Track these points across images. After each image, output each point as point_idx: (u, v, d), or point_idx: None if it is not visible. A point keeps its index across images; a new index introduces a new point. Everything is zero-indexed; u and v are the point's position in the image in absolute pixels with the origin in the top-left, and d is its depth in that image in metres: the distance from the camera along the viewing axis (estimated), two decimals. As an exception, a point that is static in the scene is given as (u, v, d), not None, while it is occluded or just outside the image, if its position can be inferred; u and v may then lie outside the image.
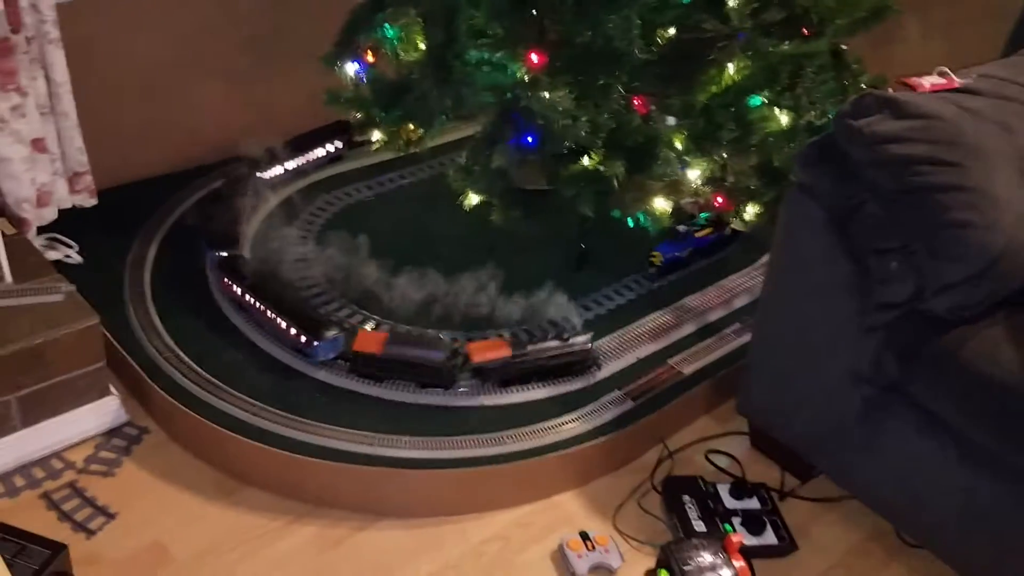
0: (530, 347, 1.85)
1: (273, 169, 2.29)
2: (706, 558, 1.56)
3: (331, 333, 1.81)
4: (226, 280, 1.93)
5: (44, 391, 1.68)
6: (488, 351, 1.84)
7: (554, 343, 1.87)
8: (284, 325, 1.83)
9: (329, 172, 2.42)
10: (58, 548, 1.45)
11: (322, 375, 1.82)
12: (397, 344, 1.80)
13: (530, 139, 1.83)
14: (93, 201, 2.08)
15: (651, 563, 1.62)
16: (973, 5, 2.46)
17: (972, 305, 1.50)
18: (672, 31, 1.82)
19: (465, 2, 1.82)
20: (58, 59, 1.89)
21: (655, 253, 2.14)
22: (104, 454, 1.76)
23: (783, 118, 1.96)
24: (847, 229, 1.58)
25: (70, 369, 1.70)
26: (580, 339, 1.88)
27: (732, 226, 2.18)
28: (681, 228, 2.17)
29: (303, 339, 1.81)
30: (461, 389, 1.81)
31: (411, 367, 1.80)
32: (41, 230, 2.01)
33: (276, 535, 1.65)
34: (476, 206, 1.95)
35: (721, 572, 1.55)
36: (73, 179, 2.04)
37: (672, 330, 2.03)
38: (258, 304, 1.87)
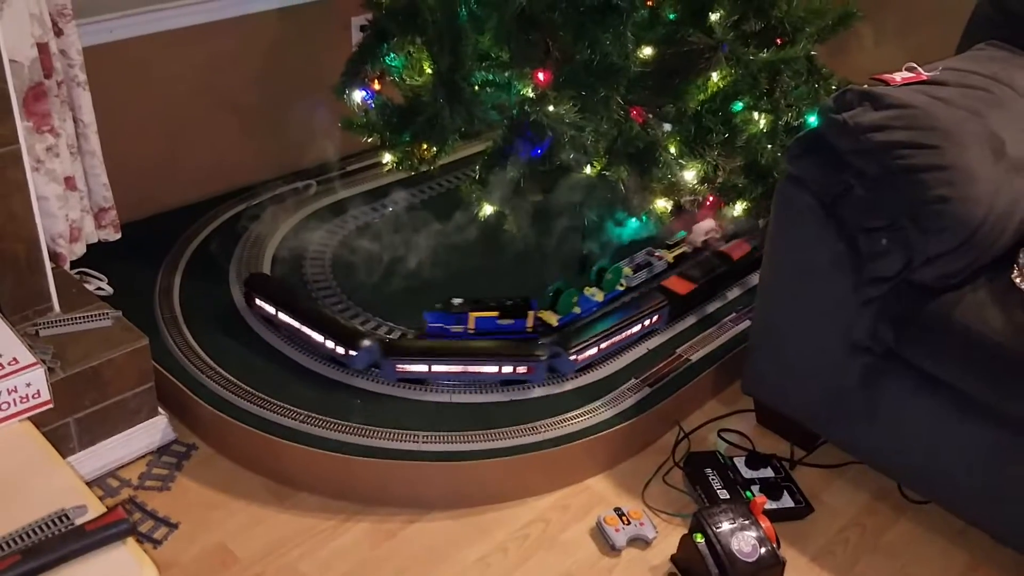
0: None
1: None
2: (735, 520, 1.70)
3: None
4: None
5: (100, 412, 1.77)
6: (738, 250, 2.31)
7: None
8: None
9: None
10: (138, 553, 1.53)
11: (359, 382, 1.92)
12: (695, 273, 2.19)
13: (539, 151, 1.98)
14: (117, 235, 2.17)
15: (683, 532, 1.74)
16: (922, 11, 2.68)
17: (957, 272, 1.66)
18: (651, 50, 1.99)
19: (470, 27, 1.97)
20: (85, 101, 1.99)
21: (424, 318, 2.03)
22: (157, 471, 1.85)
23: (762, 121, 2.14)
24: (837, 213, 1.73)
25: (123, 390, 1.79)
26: None
27: (544, 317, 2.07)
28: (456, 302, 2.04)
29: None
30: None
31: (714, 285, 2.24)
32: (72, 266, 2.10)
33: (332, 533, 1.75)
34: (489, 216, 2.08)
35: (750, 532, 1.68)
36: (99, 215, 2.13)
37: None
38: None
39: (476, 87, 1.98)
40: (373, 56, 2.15)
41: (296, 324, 1.99)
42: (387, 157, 2.19)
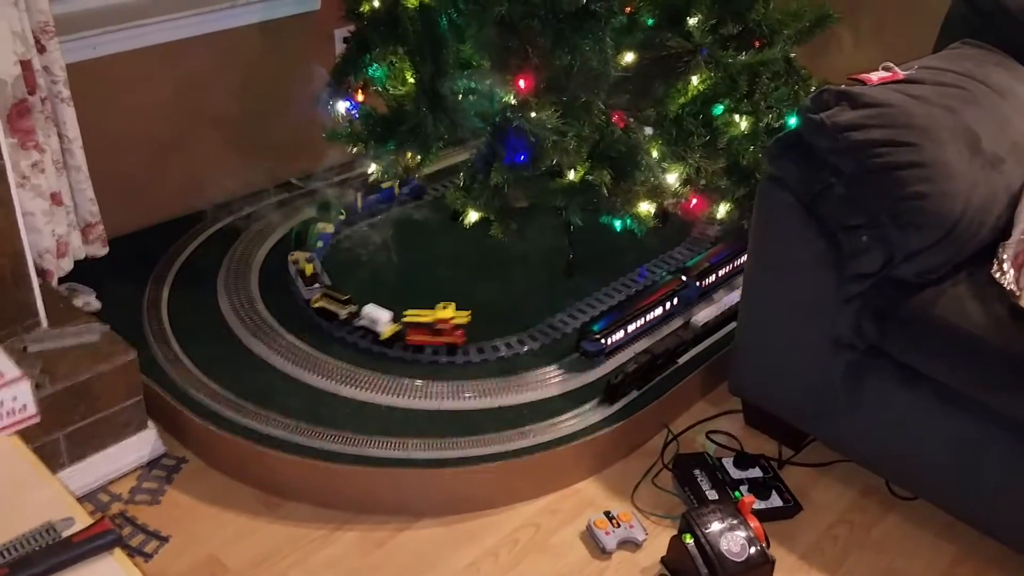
0: None
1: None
2: (724, 521, 1.70)
3: None
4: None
5: (89, 427, 1.77)
6: None
7: None
8: None
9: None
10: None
11: (348, 391, 1.93)
12: None
13: (522, 157, 1.99)
14: (105, 250, 2.18)
15: (672, 533, 1.75)
16: (899, 11, 2.70)
17: (937, 268, 1.68)
18: (631, 55, 2.01)
19: (451, 36, 1.99)
20: (70, 116, 2.00)
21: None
22: (147, 484, 1.85)
23: (743, 123, 2.16)
24: (817, 211, 1.75)
25: (112, 404, 1.79)
26: None
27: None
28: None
29: None
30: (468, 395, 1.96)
31: None
32: (59, 281, 2.10)
33: (322, 542, 1.75)
34: (475, 223, 2.10)
35: (739, 532, 1.69)
36: (86, 230, 2.13)
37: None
38: None
39: (458, 95, 1.99)
40: (356, 67, 2.18)
41: (649, 316, 2.12)
42: (372, 167, 2.21)
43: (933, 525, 1.85)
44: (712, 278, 2.29)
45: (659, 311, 2.16)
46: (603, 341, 2.05)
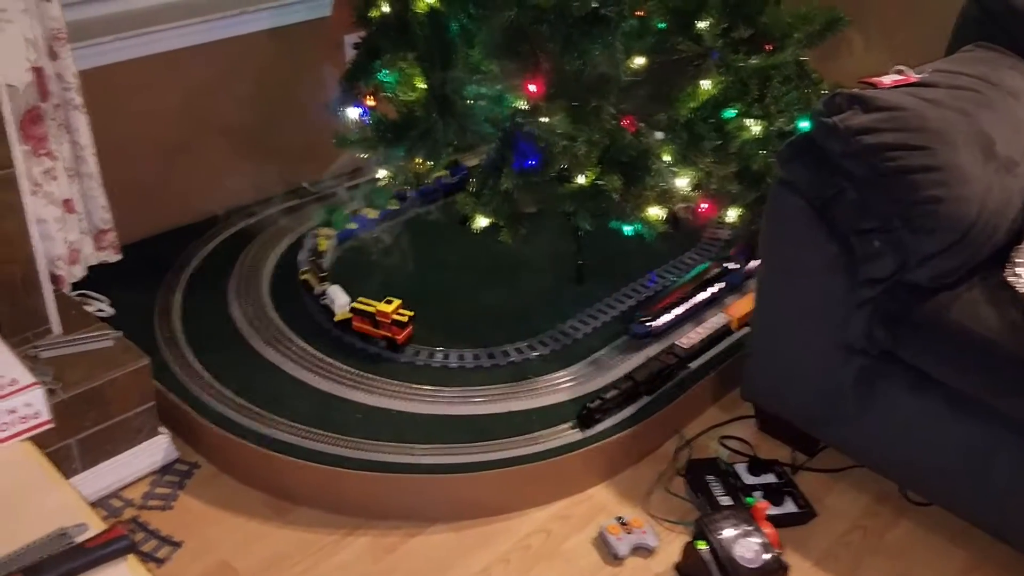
0: None
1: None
2: (738, 527, 1.69)
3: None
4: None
5: (102, 433, 1.78)
6: None
7: None
8: None
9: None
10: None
11: (358, 396, 1.93)
12: None
13: (532, 162, 1.99)
14: (118, 257, 2.19)
15: (685, 539, 1.74)
16: (910, 14, 2.69)
17: (951, 272, 1.67)
18: (642, 59, 2.00)
19: (460, 41, 1.99)
20: (82, 124, 2.01)
21: None
22: (160, 490, 1.85)
23: (755, 128, 2.15)
24: (829, 215, 1.74)
25: (125, 410, 1.80)
26: None
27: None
28: None
29: None
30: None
31: None
32: (72, 288, 2.11)
33: (333, 548, 1.75)
34: (485, 228, 2.09)
35: (753, 538, 1.68)
36: (98, 236, 2.14)
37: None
38: None
39: (468, 100, 2.00)
40: (366, 73, 2.18)
41: (692, 301, 2.20)
42: (382, 172, 2.21)
43: (946, 530, 1.83)
44: (756, 263, 2.29)
45: (705, 295, 2.23)
46: (649, 324, 2.10)
